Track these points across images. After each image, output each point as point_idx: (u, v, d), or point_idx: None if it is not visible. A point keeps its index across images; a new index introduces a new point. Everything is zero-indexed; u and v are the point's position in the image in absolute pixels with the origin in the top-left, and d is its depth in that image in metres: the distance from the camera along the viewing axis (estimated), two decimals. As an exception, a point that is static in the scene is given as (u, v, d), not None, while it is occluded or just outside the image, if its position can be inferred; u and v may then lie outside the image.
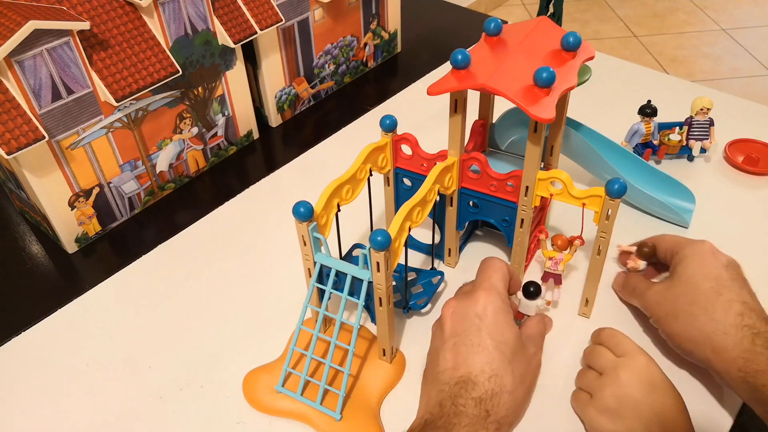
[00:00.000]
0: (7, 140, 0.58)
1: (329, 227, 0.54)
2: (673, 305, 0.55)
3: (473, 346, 0.50)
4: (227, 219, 0.76)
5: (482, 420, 0.47)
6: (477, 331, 0.51)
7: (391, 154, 0.61)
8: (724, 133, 0.80)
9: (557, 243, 0.59)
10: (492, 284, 0.53)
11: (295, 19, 0.83)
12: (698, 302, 0.53)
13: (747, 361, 0.50)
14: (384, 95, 0.95)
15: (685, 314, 0.54)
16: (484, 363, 0.49)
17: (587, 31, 2.75)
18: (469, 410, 0.47)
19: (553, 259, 0.59)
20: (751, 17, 2.81)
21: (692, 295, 0.54)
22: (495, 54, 0.54)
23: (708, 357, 0.52)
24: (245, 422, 0.55)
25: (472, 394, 0.48)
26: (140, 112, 0.71)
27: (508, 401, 0.49)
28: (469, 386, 0.48)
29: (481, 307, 0.52)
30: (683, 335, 0.54)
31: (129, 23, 0.66)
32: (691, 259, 0.56)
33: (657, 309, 0.57)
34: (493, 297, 0.52)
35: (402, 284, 0.62)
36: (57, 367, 0.60)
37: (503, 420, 0.48)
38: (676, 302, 0.55)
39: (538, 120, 0.48)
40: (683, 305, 0.54)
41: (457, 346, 0.51)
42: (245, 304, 0.65)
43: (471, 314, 0.52)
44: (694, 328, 0.53)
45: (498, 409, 0.48)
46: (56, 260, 0.72)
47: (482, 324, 0.51)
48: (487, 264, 0.56)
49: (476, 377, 0.49)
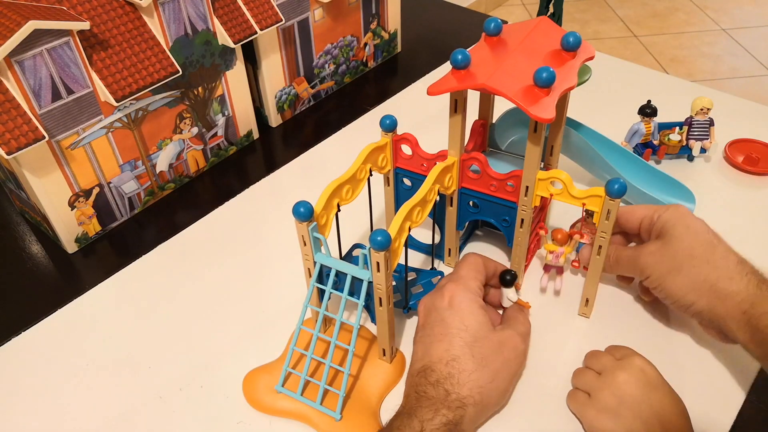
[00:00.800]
0: (7, 140, 0.58)
1: (329, 227, 0.54)
2: (673, 261, 0.56)
3: (435, 336, 0.52)
4: (227, 219, 0.76)
5: (442, 400, 0.49)
6: (440, 322, 0.53)
7: (391, 154, 0.61)
8: (724, 133, 0.80)
9: (557, 237, 0.60)
10: (460, 276, 0.56)
11: (295, 19, 0.83)
12: (698, 254, 0.55)
13: (753, 305, 0.51)
14: (384, 95, 0.95)
15: (688, 266, 0.55)
16: (442, 350, 0.51)
17: (587, 31, 2.75)
18: (429, 393, 0.49)
19: (553, 253, 0.60)
20: (751, 17, 2.81)
21: (690, 248, 0.55)
22: (495, 54, 0.54)
23: (712, 304, 0.54)
24: (245, 422, 0.55)
25: (430, 379, 0.50)
26: (140, 112, 0.71)
27: (468, 381, 0.50)
28: (428, 373, 0.51)
29: (447, 299, 0.54)
30: (687, 287, 0.55)
31: (129, 23, 0.66)
32: (676, 220, 0.58)
33: (656, 267, 0.57)
34: (459, 288, 0.54)
35: (402, 284, 0.62)
36: (57, 367, 0.60)
37: (467, 399, 0.49)
38: (675, 257, 0.56)
39: (538, 120, 0.48)
40: (684, 259, 0.55)
41: (423, 338, 0.54)
42: (245, 303, 0.65)
43: (437, 306, 0.54)
44: (699, 278, 0.54)
45: (458, 387, 0.49)
46: (56, 260, 0.72)
47: (445, 314, 0.53)
48: (462, 259, 0.59)
49: (435, 365, 0.51)
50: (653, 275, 0.57)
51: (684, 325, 0.61)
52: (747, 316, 0.51)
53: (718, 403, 0.55)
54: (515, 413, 0.54)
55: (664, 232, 0.58)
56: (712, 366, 0.57)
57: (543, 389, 0.56)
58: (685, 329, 0.61)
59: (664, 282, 0.56)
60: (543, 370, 0.57)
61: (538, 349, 0.59)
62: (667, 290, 0.56)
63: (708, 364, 0.57)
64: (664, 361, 0.57)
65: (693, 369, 0.57)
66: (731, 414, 0.54)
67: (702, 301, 0.54)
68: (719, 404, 0.54)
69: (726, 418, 0.53)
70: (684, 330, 0.60)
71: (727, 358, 0.58)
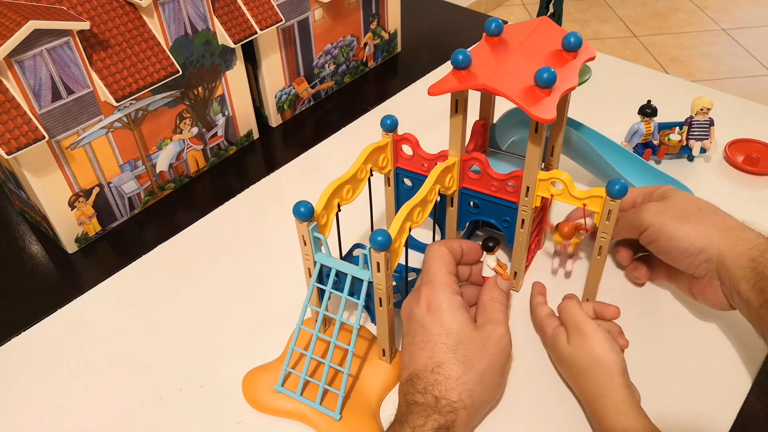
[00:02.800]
0: (7, 140, 0.58)
1: (329, 227, 0.54)
2: (680, 211, 0.57)
3: (418, 344, 0.51)
4: (227, 219, 0.76)
5: (433, 406, 0.48)
6: (421, 329, 0.52)
7: (391, 154, 0.61)
8: (724, 133, 0.80)
9: (563, 231, 0.60)
10: (431, 276, 0.54)
11: (295, 19, 0.83)
12: (704, 208, 0.57)
13: (763, 252, 0.52)
14: (384, 95, 0.95)
15: (696, 216, 0.56)
16: (426, 358, 0.50)
17: (587, 31, 2.75)
18: (419, 400, 0.49)
19: (561, 243, 0.60)
20: (751, 17, 2.81)
21: (696, 204, 0.57)
22: (496, 54, 0.54)
23: (721, 250, 0.54)
24: (245, 422, 0.55)
25: (417, 387, 0.49)
26: (140, 112, 0.71)
27: (457, 386, 0.49)
28: (414, 381, 0.50)
29: (424, 305, 0.52)
30: (694, 234, 0.55)
31: (129, 23, 0.66)
32: (674, 190, 0.60)
33: (662, 216, 0.57)
34: (434, 291, 0.53)
35: (402, 284, 0.62)
36: (57, 367, 0.60)
37: (457, 404, 0.49)
38: (681, 209, 0.57)
39: (539, 120, 0.48)
40: (692, 210, 0.57)
41: (406, 346, 0.53)
42: (245, 303, 0.65)
43: (416, 313, 0.53)
44: (709, 226, 0.55)
45: (447, 393, 0.49)
46: (56, 260, 0.72)
47: (424, 320, 0.52)
48: (427, 254, 0.56)
49: (421, 372, 0.50)
50: (656, 224, 0.57)
51: (684, 325, 0.61)
52: (755, 264, 0.51)
53: (718, 403, 0.55)
54: (515, 412, 0.54)
55: (662, 198, 0.59)
56: (712, 366, 0.57)
57: (543, 389, 0.56)
58: (686, 329, 0.61)
59: (671, 230, 0.56)
60: (542, 369, 0.57)
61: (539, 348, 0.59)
62: (674, 238, 0.56)
63: (708, 364, 0.57)
64: (664, 361, 0.58)
65: (693, 369, 0.57)
66: (731, 414, 0.54)
67: (712, 248, 0.54)
68: (719, 404, 0.54)
69: (726, 418, 0.53)
70: (684, 330, 0.60)
71: (728, 359, 0.58)
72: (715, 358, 0.58)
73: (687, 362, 0.58)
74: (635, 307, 0.62)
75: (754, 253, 0.52)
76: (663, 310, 0.62)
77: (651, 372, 0.56)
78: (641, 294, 0.64)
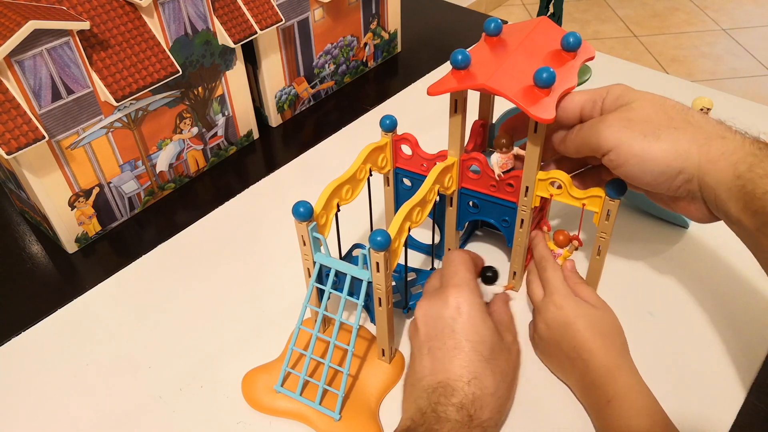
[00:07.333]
0: (7, 140, 0.58)
1: (329, 227, 0.54)
2: (646, 125, 0.46)
3: (449, 349, 0.48)
4: (227, 219, 0.76)
5: (465, 424, 0.46)
6: (451, 333, 0.49)
7: (391, 154, 0.61)
8: (724, 133, 0.80)
9: (558, 239, 0.60)
10: (461, 279, 0.51)
11: (295, 19, 0.83)
12: (675, 117, 0.46)
13: (750, 166, 0.43)
14: (384, 95, 0.95)
15: (667, 129, 0.46)
16: (461, 367, 0.48)
17: (587, 31, 2.75)
18: (451, 416, 0.46)
19: (553, 252, 0.60)
20: (751, 17, 2.81)
21: (663, 111, 0.47)
22: (495, 54, 0.54)
23: (702, 168, 0.45)
24: (245, 422, 0.55)
25: (452, 400, 0.46)
26: (140, 112, 0.71)
27: (491, 403, 0.47)
28: (448, 392, 0.47)
29: (454, 307, 0.50)
30: (669, 153, 0.45)
31: (129, 23, 0.66)
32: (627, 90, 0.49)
33: (627, 133, 0.46)
34: (464, 294, 0.50)
35: (402, 284, 0.62)
36: (57, 367, 0.60)
37: (487, 422, 0.47)
38: (649, 122, 0.46)
39: (538, 120, 0.48)
40: (660, 121, 0.46)
41: (433, 350, 0.49)
42: (245, 303, 0.65)
43: (444, 315, 0.50)
44: (684, 140, 0.45)
45: (481, 412, 0.47)
46: (56, 260, 0.72)
47: (456, 325, 0.49)
48: (451, 258, 0.54)
49: (455, 382, 0.47)
50: (621, 145, 0.46)
51: (684, 325, 0.61)
52: (742, 181, 0.43)
53: (718, 403, 0.55)
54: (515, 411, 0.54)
55: (620, 103, 0.48)
56: (712, 366, 0.57)
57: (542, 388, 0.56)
58: (685, 329, 0.61)
59: (642, 150, 0.46)
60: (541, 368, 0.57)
61: (538, 349, 0.59)
62: (646, 160, 0.46)
63: (708, 364, 0.57)
64: (663, 361, 0.58)
65: (693, 369, 0.57)
66: (731, 414, 0.54)
67: (691, 167, 0.45)
68: (719, 404, 0.54)
69: (726, 418, 0.53)
70: (684, 330, 0.60)
71: (727, 359, 0.58)
72: (715, 358, 0.58)
73: (687, 362, 0.58)
74: (635, 307, 0.62)
75: (740, 168, 0.43)
76: (663, 309, 0.62)
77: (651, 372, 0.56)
78: (641, 294, 0.64)
